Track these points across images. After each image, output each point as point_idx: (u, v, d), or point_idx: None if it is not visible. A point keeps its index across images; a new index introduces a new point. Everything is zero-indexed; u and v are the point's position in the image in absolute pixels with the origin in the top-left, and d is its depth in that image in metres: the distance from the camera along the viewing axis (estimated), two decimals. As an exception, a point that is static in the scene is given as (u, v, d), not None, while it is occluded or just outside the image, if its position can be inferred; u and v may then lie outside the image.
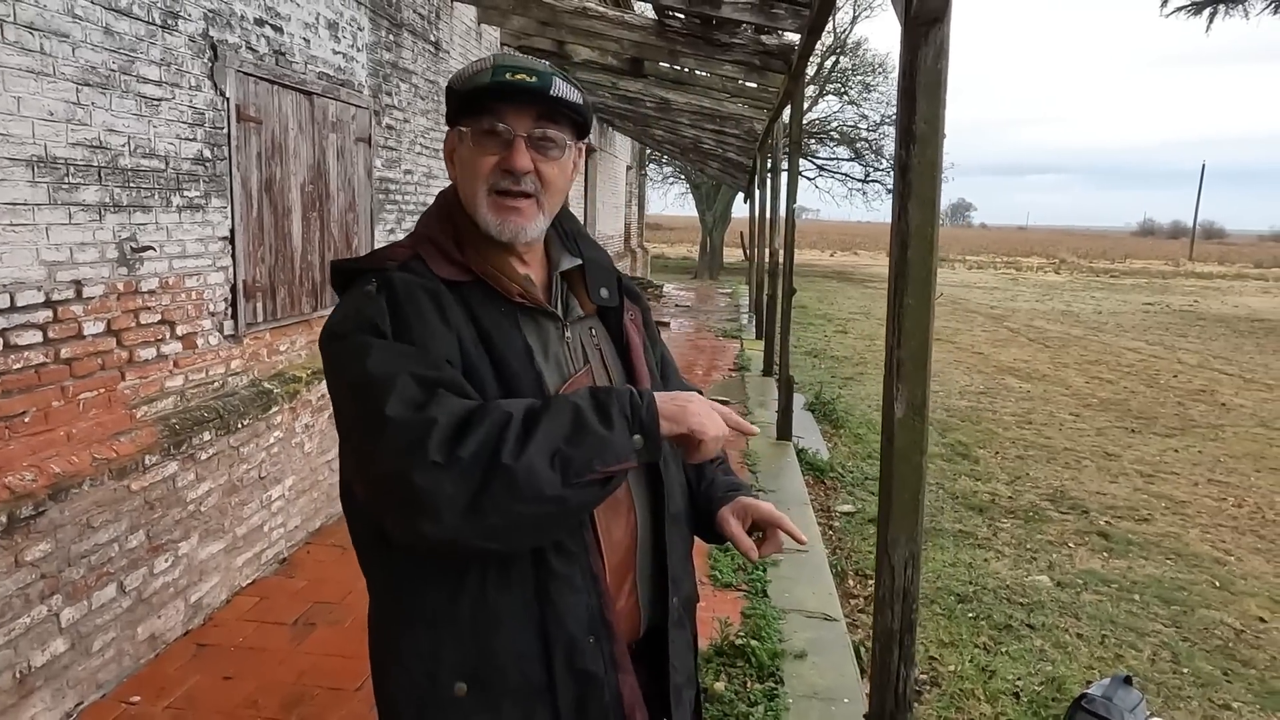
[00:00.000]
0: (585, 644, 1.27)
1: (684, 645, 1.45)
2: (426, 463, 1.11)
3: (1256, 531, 6.03)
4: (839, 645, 3.62)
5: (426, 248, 1.33)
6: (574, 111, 1.31)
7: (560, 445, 1.14)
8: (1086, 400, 10.38)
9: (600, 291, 1.42)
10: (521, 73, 1.26)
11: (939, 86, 2.18)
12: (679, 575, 1.42)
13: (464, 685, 1.26)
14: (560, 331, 1.35)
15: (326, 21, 4.77)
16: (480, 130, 1.29)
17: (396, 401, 1.14)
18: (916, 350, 2.27)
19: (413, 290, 1.26)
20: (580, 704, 1.28)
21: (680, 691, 1.43)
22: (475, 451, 1.12)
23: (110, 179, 3.19)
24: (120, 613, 3.18)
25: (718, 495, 1.50)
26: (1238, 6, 20.23)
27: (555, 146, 1.31)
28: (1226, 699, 3.78)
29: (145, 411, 3.41)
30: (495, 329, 1.28)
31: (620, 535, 1.34)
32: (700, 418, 1.24)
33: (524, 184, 1.29)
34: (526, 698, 1.27)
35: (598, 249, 1.48)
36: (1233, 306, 23.95)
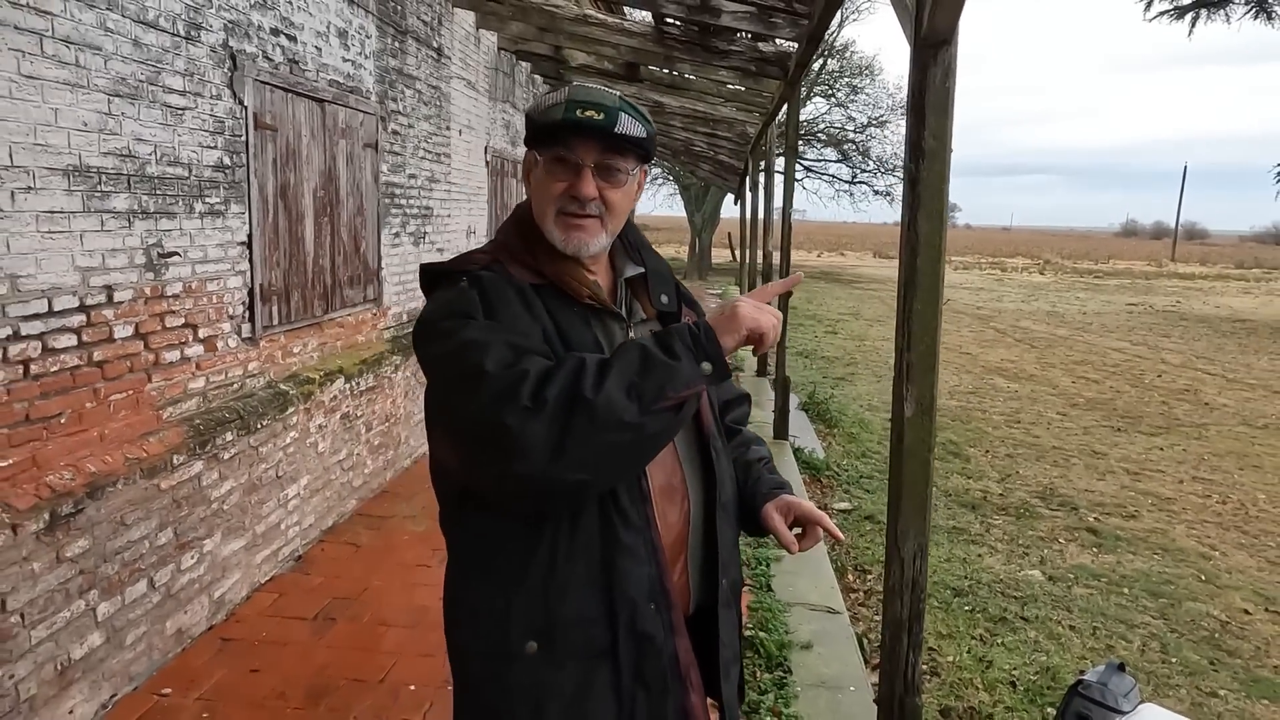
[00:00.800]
0: (646, 609, 1.39)
1: (731, 624, 1.57)
2: (519, 408, 1.23)
3: (1240, 527, 6.21)
4: (843, 636, 3.75)
5: (504, 254, 1.47)
6: (637, 145, 1.43)
7: (634, 378, 1.26)
8: (1073, 400, 10.57)
9: (661, 298, 1.55)
10: (591, 109, 1.38)
11: (947, 104, 2.30)
12: (728, 559, 1.54)
13: (535, 644, 1.37)
14: (625, 332, 1.48)
15: (337, 30, 4.87)
16: (552, 158, 1.43)
17: (492, 360, 1.28)
18: (925, 353, 2.40)
19: (500, 286, 1.41)
20: (639, 665, 1.40)
21: (728, 667, 1.56)
22: (558, 393, 1.24)
23: (139, 186, 3.29)
24: (150, 608, 3.27)
25: (763, 491, 1.63)
26: (1219, 11, 20.50)
27: (619, 173, 1.44)
28: (1213, 686, 3.93)
29: (170, 412, 3.51)
30: (570, 326, 1.42)
31: (674, 519, 1.47)
32: (751, 317, 1.33)
33: (589, 208, 1.42)
34: (590, 657, 1.38)
35: (659, 260, 1.60)
36: (1215, 307, 24.28)
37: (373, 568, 4.35)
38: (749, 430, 1.82)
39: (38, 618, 2.74)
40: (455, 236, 7.19)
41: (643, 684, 1.41)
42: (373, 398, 5.38)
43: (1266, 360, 14.55)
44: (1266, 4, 19.96)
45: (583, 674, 1.39)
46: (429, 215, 6.58)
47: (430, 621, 3.73)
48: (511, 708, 1.40)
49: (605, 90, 1.44)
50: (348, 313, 5.19)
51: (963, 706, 3.56)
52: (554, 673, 1.38)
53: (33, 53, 2.75)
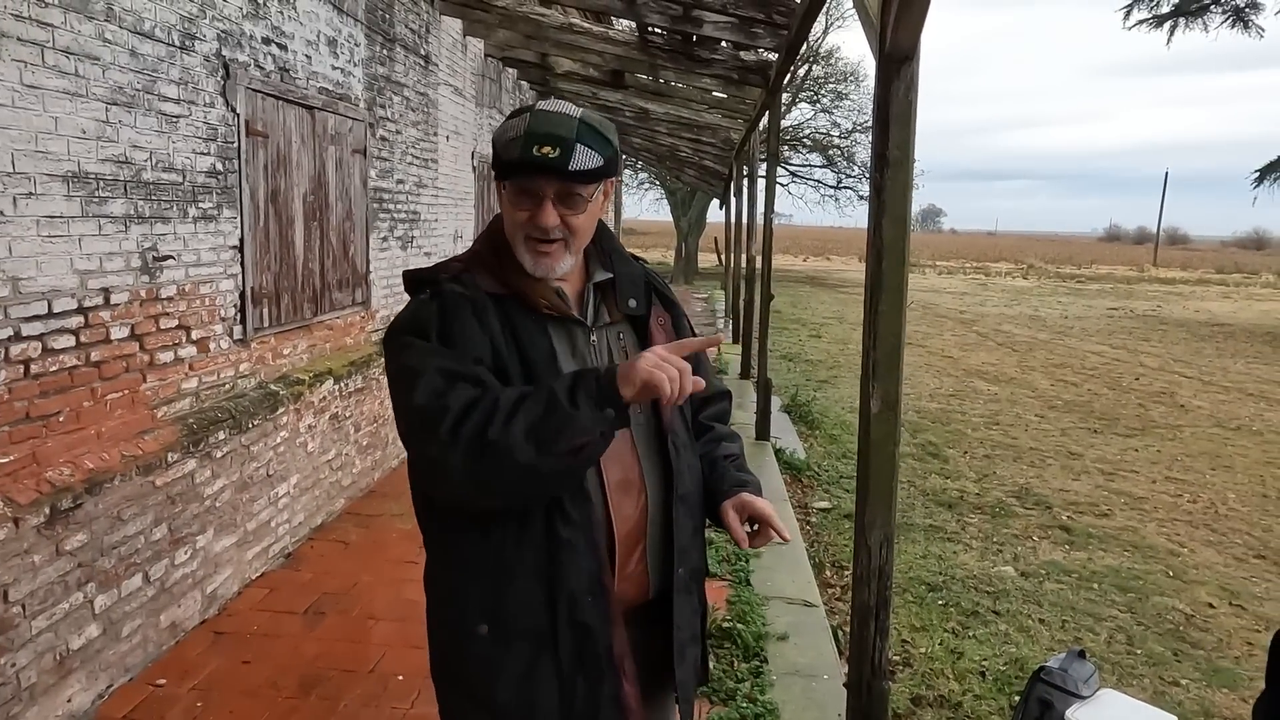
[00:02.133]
0: (585, 601, 1.51)
1: (689, 609, 1.68)
2: (438, 440, 1.40)
3: (1209, 525, 6.38)
4: (818, 628, 3.88)
5: (476, 263, 1.59)
6: (595, 175, 1.51)
7: (536, 423, 1.38)
8: (1051, 402, 10.75)
9: (629, 302, 1.65)
10: (547, 145, 1.45)
11: (909, 116, 2.43)
12: (685, 548, 1.64)
13: (485, 626, 1.53)
14: (586, 335, 1.60)
15: (327, 39, 4.98)
16: (515, 188, 1.53)
17: (422, 391, 1.43)
18: (890, 352, 2.53)
19: (458, 301, 1.53)
20: (578, 652, 1.53)
21: (684, 649, 1.67)
22: (471, 431, 1.39)
23: (135, 192, 3.39)
24: (146, 601, 3.37)
25: (724, 489, 1.70)
26: (1197, 20, 20.83)
27: (580, 199, 1.52)
28: (1175, 676, 4.08)
29: (165, 412, 3.60)
30: (526, 335, 1.54)
31: (630, 511, 1.58)
32: (648, 370, 1.37)
33: (552, 234, 1.52)
34: (535, 642, 1.52)
35: (629, 264, 1.70)
36: (1194, 311, 24.60)
37: (362, 564, 4.45)
38: (724, 427, 1.87)
39: (38, 609, 2.83)
40: (442, 240, 7.30)
41: (582, 670, 1.53)
42: (361, 399, 5.47)
43: (1242, 364, 14.80)
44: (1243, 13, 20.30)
45: (529, 656, 1.52)
46: (416, 220, 6.68)
47: (418, 615, 3.76)
48: (470, 680, 1.57)
49: (566, 116, 1.49)
50: (336, 315, 5.29)
51: (933, 695, 3.69)
52: (503, 653, 1.53)
53: (34, 63, 2.85)
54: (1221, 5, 20.21)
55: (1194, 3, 20.36)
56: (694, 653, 1.72)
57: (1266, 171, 22.06)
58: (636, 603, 1.62)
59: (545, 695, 1.53)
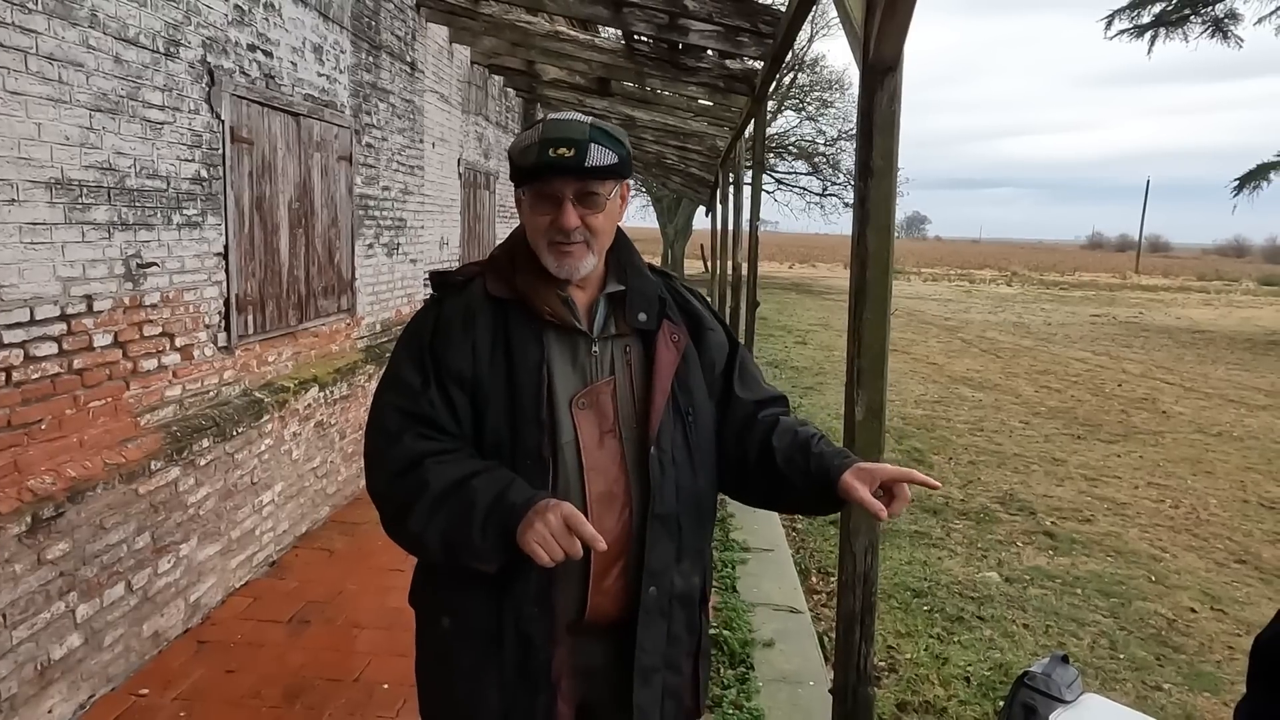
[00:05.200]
0: (530, 613, 1.54)
1: (660, 633, 1.61)
2: (375, 490, 1.58)
3: (1191, 530, 6.42)
4: (805, 634, 3.89)
5: (490, 268, 1.64)
6: (611, 171, 1.54)
7: (448, 532, 1.47)
8: (1035, 408, 10.82)
9: (639, 316, 1.63)
10: (562, 147, 1.49)
11: (893, 126, 2.46)
12: (659, 569, 1.59)
13: (448, 620, 1.61)
14: (589, 346, 1.60)
15: (312, 45, 4.97)
16: (535, 194, 1.55)
17: (374, 433, 1.59)
18: (874, 360, 2.55)
19: (454, 311, 1.59)
20: (521, 662, 1.56)
21: (649, 674, 1.61)
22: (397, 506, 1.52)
23: (118, 199, 3.37)
24: (128, 610, 3.35)
25: (834, 464, 1.56)
26: (1178, 30, 21.06)
27: (599, 197, 1.55)
28: (1158, 680, 4.11)
29: (148, 419, 3.58)
30: (519, 342, 1.56)
31: (611, 525, 1.55)
32: (528, 543, 1.38)
33: (573, 236, 1.54)
34: (485, 643, 1.57)
35: (644, 278, 1.68)
36: (1175, 318, 24.81)
37: (347, 572, 4.43)
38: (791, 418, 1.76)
39: (19, 618, 2.81)
40: (428, 247, 7.29)
41: (522, 680, 1.56)
42: (346, 406, 5.46)
43: (1223, 370, 14.93)
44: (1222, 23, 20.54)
45: (479, 657, 1.58)
46: (402, 226, 6.67)
47: (403, 623, 3.78)
48: (432, 669, 1.69)
49: (577, 122, 1.53)
50: (322, 322, 5.27)
51: (918, 701, 3.70)
52: (460, 647, 1.60)
53: (18, 70, 2.83)
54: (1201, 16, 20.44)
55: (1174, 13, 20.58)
56: (667, 680, 1.65)
57: (1246, 180, 22.31)
58: (614, 618, 1.59)
59: (489, 698, 1.57)
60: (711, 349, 1.74)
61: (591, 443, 1.56)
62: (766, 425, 1.70)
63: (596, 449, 1.56)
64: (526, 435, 1.52)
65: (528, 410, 1.52)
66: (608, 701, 1.65)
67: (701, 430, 1.66)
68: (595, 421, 1.57)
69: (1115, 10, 21.20)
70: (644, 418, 1.59)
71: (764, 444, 1.67)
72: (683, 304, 1.74)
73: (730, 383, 1.75)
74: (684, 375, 1.65)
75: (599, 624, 1.60)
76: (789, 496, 1.68)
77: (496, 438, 1.53)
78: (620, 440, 1.58)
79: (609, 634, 1.61)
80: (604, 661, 1.63)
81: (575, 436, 1.55)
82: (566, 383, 1.57)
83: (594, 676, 1.64)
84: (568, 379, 1.57)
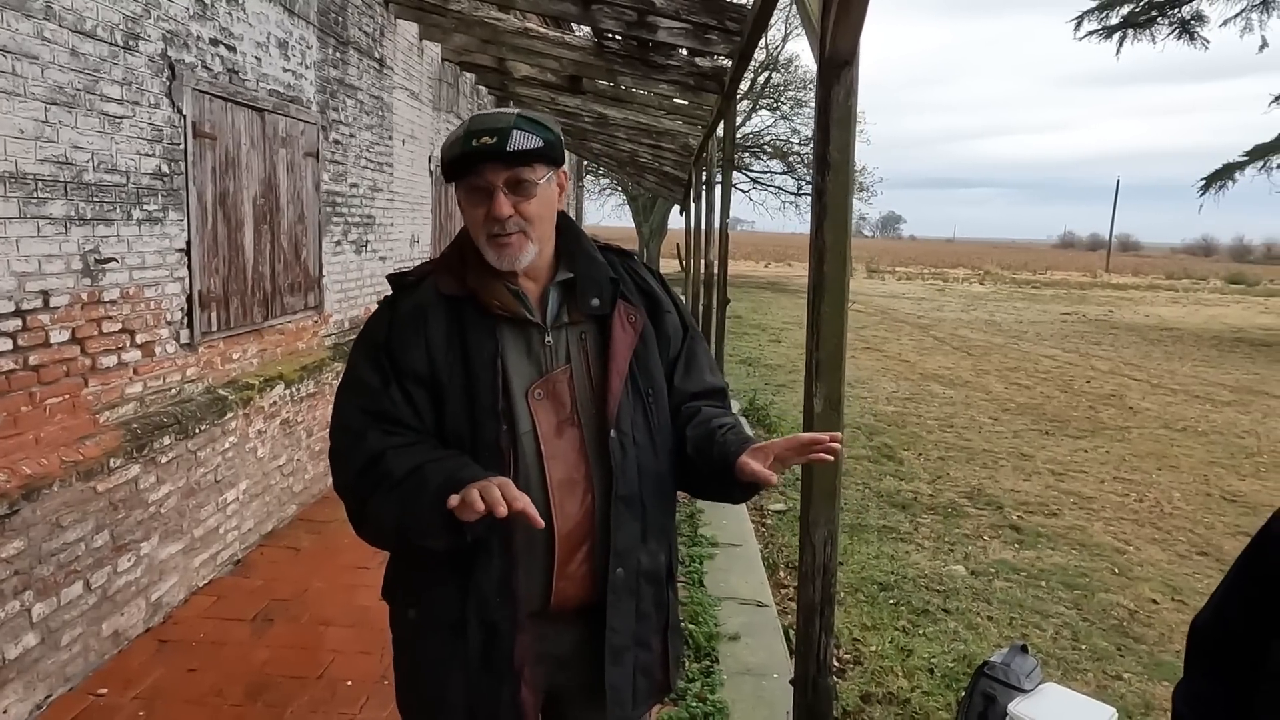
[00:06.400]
0: (494, 601, 1.55)
1: (629, 613, 1.64)
2: (341, 486, 1.61)
3: (1154, 524, 6.52)
4: (770, 628, 3.91)
5: (442, 267, 1.66)
6: (537, 155, 1.53)
7: (404, 515, 1.50)
8: (1005, 405, 10.92)
9: (591, 301, 1.63)
10: (485, 136, 1.50)
11: (849, 120, 2.47)
12: (625, 549, 1.61)
13: (414, 611, 1.64)
14: (542, 336, 1.61)
15: (277, 40, 4.94)
16: (467, 188, 1.56)
17: (338, 432, 1.61)
18: (832, 352, 2.57)
19: (407, 310, 1.61)
20: (484, 650, 1.57)
21: (620, 653, 1.64)
22: (362, 499, 1.55)
23: (75, 193, 3.33)
24: (86, 609, 3.31)
25: (733, 450, 1.56)
26: (1145, 32, 21.33)
27: (530, 184, 1.55)
28: (1118, 670, 4.16)
29: (107, 417, 3.54)
30: (474, 337, 1.57)
31: (573, 510, 1.58)
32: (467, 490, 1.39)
33: (509, 226, 1.54)
34: (450, 633, 1.58)
35: (592, 264, 1.67)
36: (1144, 316, 25.14)
37: (313, 570, 4.40)
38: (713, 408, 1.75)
39: (-28, 618, 2.77)
40: (399, 245, 7.26)
41: (486, 669, 1.57)
42: (314, 404, 5.42)
43: (1189, 366, 15.14)
44: (1189, 25, 20.83)
45: (445, 645, 1.59)
46: (371, 224, 6.64)
47: (370, 621, 3.81)
48: (403, 654, 1.71)
49: (501, 113, 1.54)
50: (288, 320, 5.23)
51: (882, 692, 3.74)
52: (425, 637, 1.63)
53: (-31, 61, 2.79)
54: (1168, 17, 20.71)
55: (1141, 15, 20.84)
56: (640, 657, 1.68)
57: (1212, 179, 22.60)
58: (581, 602, 1.61)
59: (455, 687, 1.59)
60: (668, 329, 1.75)
61: (550, 431, 1.57)
62: (686, 415, 1.73)
63: (555, 437, 1.57)
64: (485, 428, 1.54)
65: (484, 404, 1.54)
66: (576, 688, 1.67)
67: (661, 410, 1.68)
68: (552, 410, 1.58)
69: (1084, 11, 21.44)
70: (602, 401, 1.60)
71: (680, 434, 1.71)
72: (640, 284, 1.75)
73: (673, 371, 1.76)
74: (642, 355, 1.66)
75: (565, 610, 1.61)
76: (698, 483, 1.72)
77: (457, 432, 1.55)
78: (580, 427, 1.59)
79: (576, 619, 1.63)
80: (572, 647, 1.65)
81: (533, 426, 1.56)
82: (521, 374, 1.58)
83: (562, 663, 1.66)
84: (522, 370, 1.58)
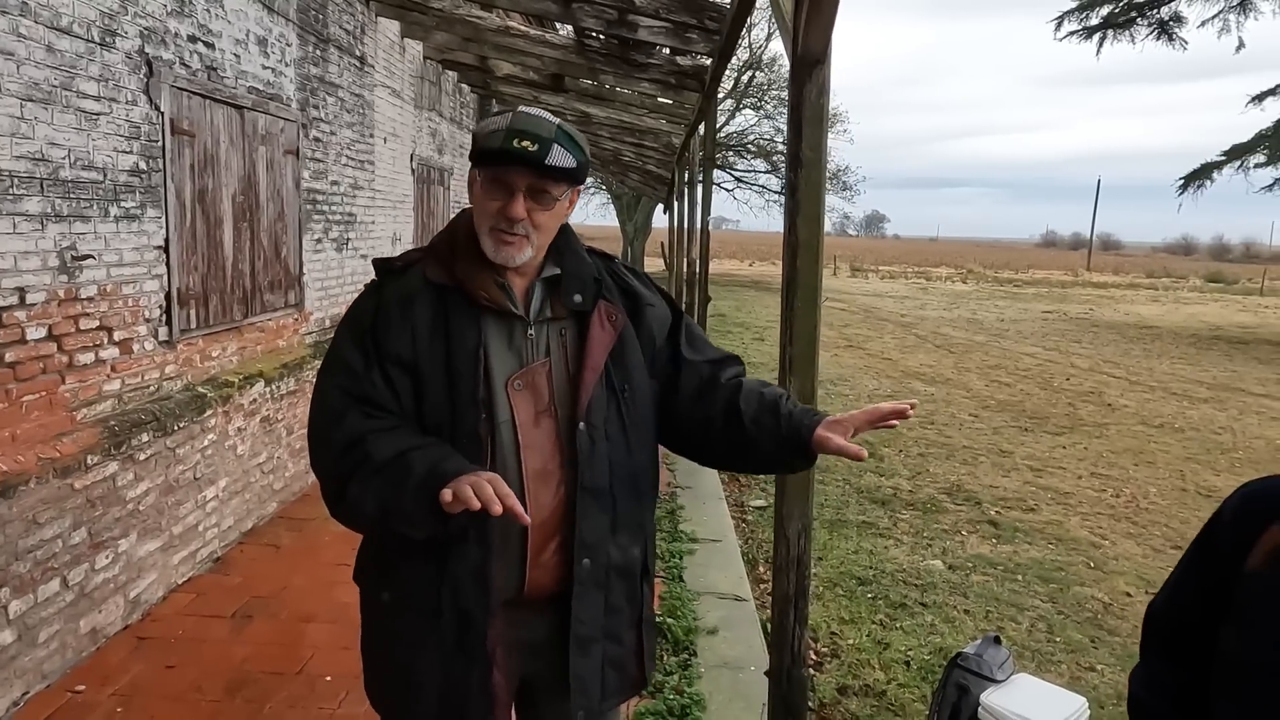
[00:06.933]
0: (469, 588, 1.58)
1: (596, 605, 1.67)
2: (320, 468, 1.62)
3: (1130, 518, 6.59)
4: (748, 622, 3.94)
5: (431, 254, 1.67)
6: (567, 174, 1.57)
7: (386, 498, 1.52)
8: (985, 402, 11.01)
9: (574, 298, 1.67)
10: (527, 139, 1.52)
11: (822, 118, 2.51)
12: (593, 542, 1.64)
13: (388, 595, 1.67)
14: (524, 329, 1.64)
15: (256, 38, 4.93)
16: (490, 178, 1.58)
17: (318, 411, 1.63)
18: (805, 347, 2.60)
19: (394, 295, 1.63)
20: (458, 635, 1.60)
21: (586, 644, 1.67)
22: (340, 481, 1.56)
23: (52, 190, 3.33)
24: (64, 606, 3.30)
25: (805, 423, 1.65)
26: (1125, 32, 21.51)
27: (549, 197, 1.58)
28: (1092, 662, 4.22)
29: (85, 414, 3.54)
30: (458, 327, 1.59)
31: (547, 500, 1.61)
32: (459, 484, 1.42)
33: (517, 229, 1.57)
34: (424, 617, 1.61)
35: (580, 261, 1.71)
36: (1124, 314, 25.37)
37: (293, 568, 4.40)
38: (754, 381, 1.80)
39: (-52, 614, 2.77)
40: (380, 243, 7.25)
41: (460, 653, 1.60)
42: (294, 401, 5.42)
43: (1168, 364, 15.30)
44: (1167, 26, 21.02)
45: (418, 630, 1.62)
46: (352, 222, 6.63)
47: (349, 617, 3.76)
48: (374, 644, 1.74)
49: (546, 120, 1.57)
50: (268, 317, 5.23)
51: (859, 684, 3.77)
52: (399, 621, 1.65)
53: (-57, 57, 2.79)
54: (1147, 18, 20.89)
55: (1121, 15, 21.01)
56: (608, 650, 1.70)
57: (1190, 179, 22.83)
58: (552, 591, 1.64)
59: (428, 671, 1.62)
60: (651, 323, 1.78)
61: (527, 421, 1.60)
62: (730, 389, 1.76)
63: (532, 428, 1.61)
64: (464, 415, 1.57)
65: (465, 392, 1.57)
66: (548, 675, 1.70)
67: (638, 406, 1.70)
68: (530, 401, 1.61)
69: (1065, 12, 21.60)
70: (576, 395, 1.63)
71: (730, 407, 1.73)
72: (623, 285, 1.77)
73: (678, 348, 1.80)
74: (620, 354, 1.69)
75: (538, 598, 1.64)
76: (756, 457, 1.75)
77: (437, 418, 1.58)
78: (556, 419, 1.63)
79: (548, 607, 1.66)
80: (545, 635, 1.68)
81: (511, 416, 1.60)
82: (503, 365, 1.61)
83: (535, 650, 1.68)
84: (504, 361, 1.61)
